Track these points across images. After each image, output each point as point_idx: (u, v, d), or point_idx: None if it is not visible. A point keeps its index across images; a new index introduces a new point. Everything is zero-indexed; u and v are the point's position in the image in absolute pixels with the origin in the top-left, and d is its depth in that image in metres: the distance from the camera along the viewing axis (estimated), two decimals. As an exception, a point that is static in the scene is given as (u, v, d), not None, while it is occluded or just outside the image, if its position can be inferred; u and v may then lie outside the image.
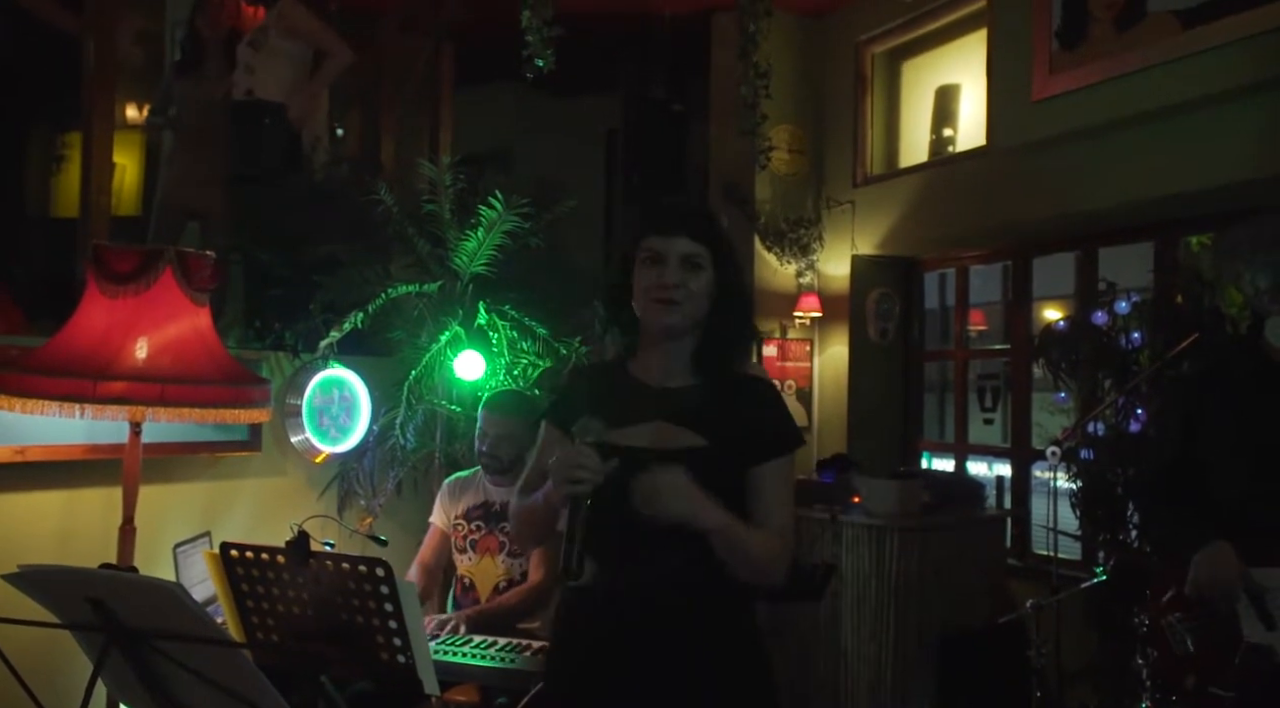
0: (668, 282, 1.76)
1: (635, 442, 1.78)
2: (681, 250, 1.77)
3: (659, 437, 1.79)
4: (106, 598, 1.45)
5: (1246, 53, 3.56)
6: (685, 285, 1.77)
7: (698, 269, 1.78)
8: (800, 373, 5.57)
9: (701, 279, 1.78)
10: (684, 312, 1.78)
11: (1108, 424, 3.86)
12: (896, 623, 3.99)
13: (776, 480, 1.80)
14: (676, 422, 1.79)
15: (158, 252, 2.87)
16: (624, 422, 1.79)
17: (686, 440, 1.77)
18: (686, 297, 1.77)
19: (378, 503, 3.89)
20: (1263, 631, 2.16)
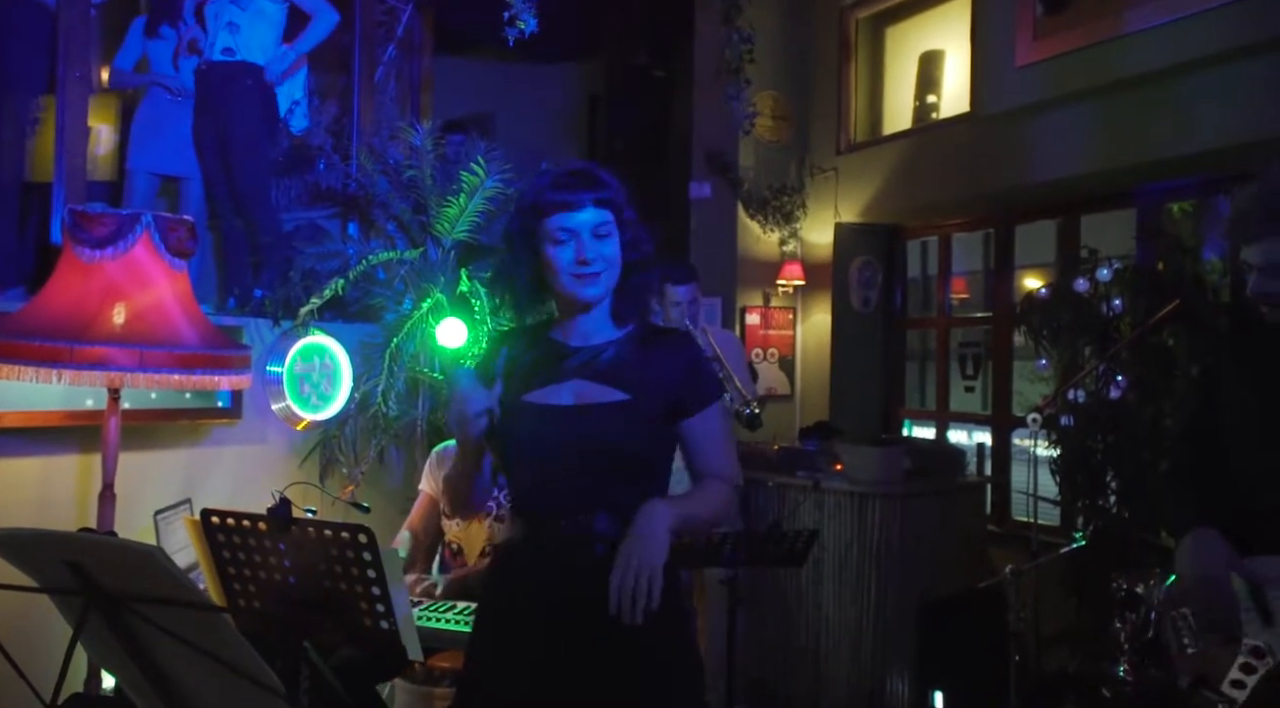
0: (585, 257, 1.77)
1: (558, 401, 1.81)
2: (589, 224, 1.78)
3: (579, 394, 1.81)
4: (85, 561, 1.44)
5: (1229, 18, 3.55)
6: (601, 256, 1.79)
7: (606, 236, 1.80)
8: (783, 341, 5.57)
9: (611, 244, 1.81)
10: (604, 282, 1.80)
11: (1088, 391, 3.88)
12: (877, 589, 4.02)
13: (708, 430, 1.85)
14: (596, 379, 1.82)
15: (134, 216, 2.84)
16: (545, 382, 1.83)
17: (607, 397, 1.80)
18: (605, 266, 1.79)
19: (360, 471, 3.88)
20: (1260, 627, 1.95)
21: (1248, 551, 2.00)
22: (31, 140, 3.73)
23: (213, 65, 4.13)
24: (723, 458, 1.87)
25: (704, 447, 1.85)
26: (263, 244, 4.14)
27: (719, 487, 1.85)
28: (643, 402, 1.80)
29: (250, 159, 4.15)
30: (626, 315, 1.87)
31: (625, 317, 1.87)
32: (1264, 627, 1.96)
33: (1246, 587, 1.98)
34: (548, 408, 1.81)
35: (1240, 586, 1.99)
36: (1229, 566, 1.99)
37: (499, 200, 4.05)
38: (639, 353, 1.84)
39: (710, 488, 1.85)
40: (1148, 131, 3.90)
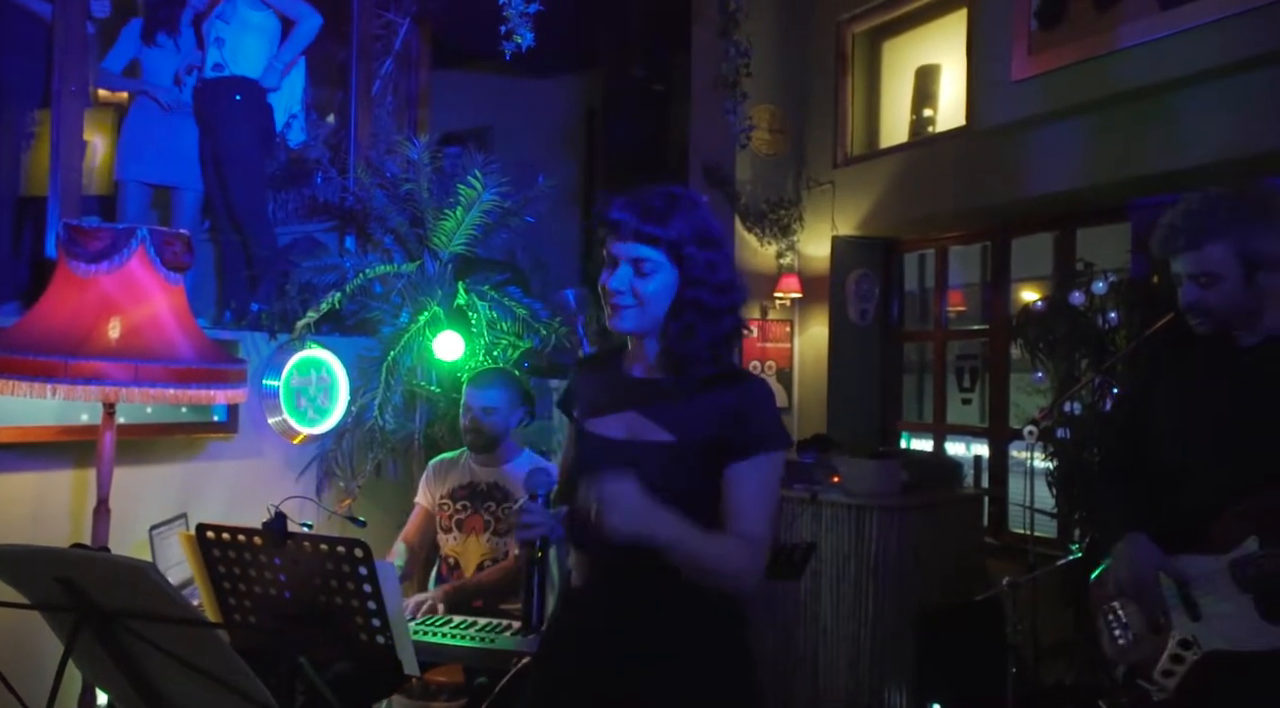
0: (608, 285, 1.73)
1: (610, 432, 1.79)
2: (631, 255, 1.71)
3: (631, 428, 1.78)
4: (77, 577, 1.43)
5: (1224, 33, 3.56)
6: (633, 290, 1.71)
7: (649, 274, 1.71)
8: (780, 354, 5.57)
9: (654, 281, 1.71)
10: (632, 317, 1.73)
11: (1084, 404, 3.88)
12: (875, 601, 4.01)
13: (748, 482, 1.70)
14: (648, 415, 1.76)
15: (130, 230, 2.83)
16: (606, 411, 1.81)
17: (654, 435, 1.75)
18: (634, 302, 1.71)
19: (356, 485, 3.87)
20: (1187, 621, 2.09)
21: (1176, 549, 2.13)
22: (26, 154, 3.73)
23: (206, 83, 4.15)
24: (753, 518, 1.70)
25: (733, 499, 1.70)
26: (259, 258, 4.13)
27: (737, 546, 1.68)
28: (684, 444, 1.72)
29: (243, 173, 4.15)
30: (676, 358, 1.75)
31: (675, 359, 1.75)
32: (1190, 621, 2.10)
33: (1174, 584, 2.12)
34: (602, 439, 1.79)
35: (1168, 583, 2.13)
36: (1158, 566, 2.13)
37: (496, 213, 4.06)
38: (697, 393, 1.74)
39: (725, 538, 1.68)
40: (1142, 146, 3.91)
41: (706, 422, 1.72)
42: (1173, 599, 2.12)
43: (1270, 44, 3.44)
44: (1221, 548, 2.07)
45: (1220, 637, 2.05)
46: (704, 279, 1.72)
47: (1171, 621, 2.12)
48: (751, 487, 1.71)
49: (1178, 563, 2.11)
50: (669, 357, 1.75)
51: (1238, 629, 2.03)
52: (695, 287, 1.72)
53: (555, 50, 4.16)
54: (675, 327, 1.73)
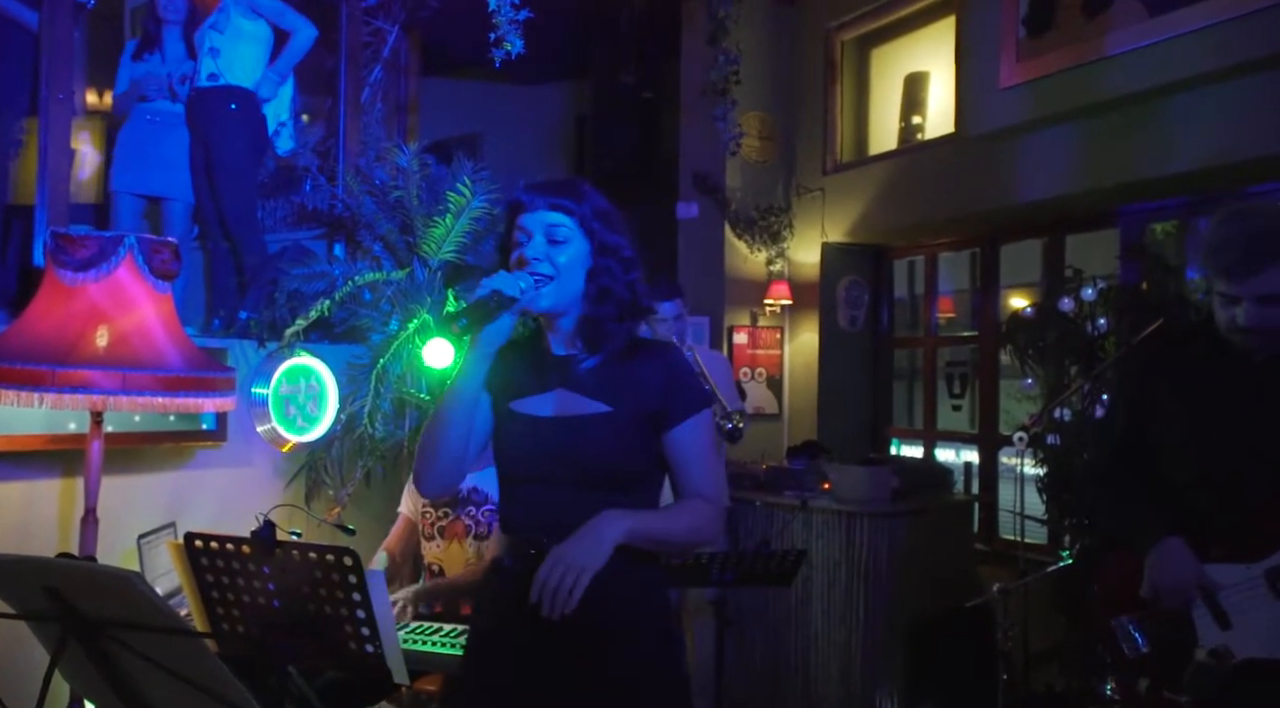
0: (525, 255, 1.76)
1: (537, 411, 1.81)
2: (543, 223, 1.77)
3: (560, 405, 1.80)
4: (63, 587, 1.42)
5: (1212, 40, 3.58)
6: (549, 259, 1.75)
7: (563, 242, 1.76)
8: (771, 360, 5.58)
9: (567, 251, 1.76)
10: (550, 293, 1.75)
11: (1074, 410, 3.89)
12: (866, 608, 4.01)
13: (691, 443, 1.79)
14: (577, 389, 1.80)
15: (117, 238, 2.82)
16: (531, 391, 1.83)
17: (587, 408, 1.78)
18: (551, 271, 1.75)
19: (346, 493, 3.85)
20: (1217, 631, 2.09)
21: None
22: (14, 162, 3.72)
23: (200, 92, 4.15)
24: (706, 476, 1.80)
25: (686, 462, 1.79)
26: (248, 266, 4.12)
27: (698, 506, 1.78)
28: (623, 413, 1.77)
29: (235, 181, 4.14)
30: (591, 344, 1.80)
31: (590, 345, 1.80)
32: (1221, 630, 2.09)
33: (1202, 593, 2.12)
34: (530, 418, 1.81)
35: (1195, 592, 2.13)
36: (1198, 573, 2.12)
37: (486, 220, 4.05)
38: (621, 363, 1.81)
39: (688, 506, 1.79)
40: (1131, 153, 3.93)
41: (640, 391, 1.78)
42: (1199, 609, 2.12)
43: (1259, 50, 3.46)
44: (1253, 557, 2.07)
45: (1256, 645, 2.05)
46: (614, 250, 1.80)
47: (1198, 630, 2.11)
48: (698, 447, 1.80)
49: (1208, 571, 2.11)
50: (586, 325, 1.80)
51: (1274, 637, 2.04)
52: (606, 255, 1.79)
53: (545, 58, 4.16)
54: (591, 289, 1.78)
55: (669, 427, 1.78)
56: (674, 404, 1.78)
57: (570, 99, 6.91)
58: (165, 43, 4.19)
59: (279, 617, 2.08)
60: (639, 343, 1.85)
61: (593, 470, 1.75)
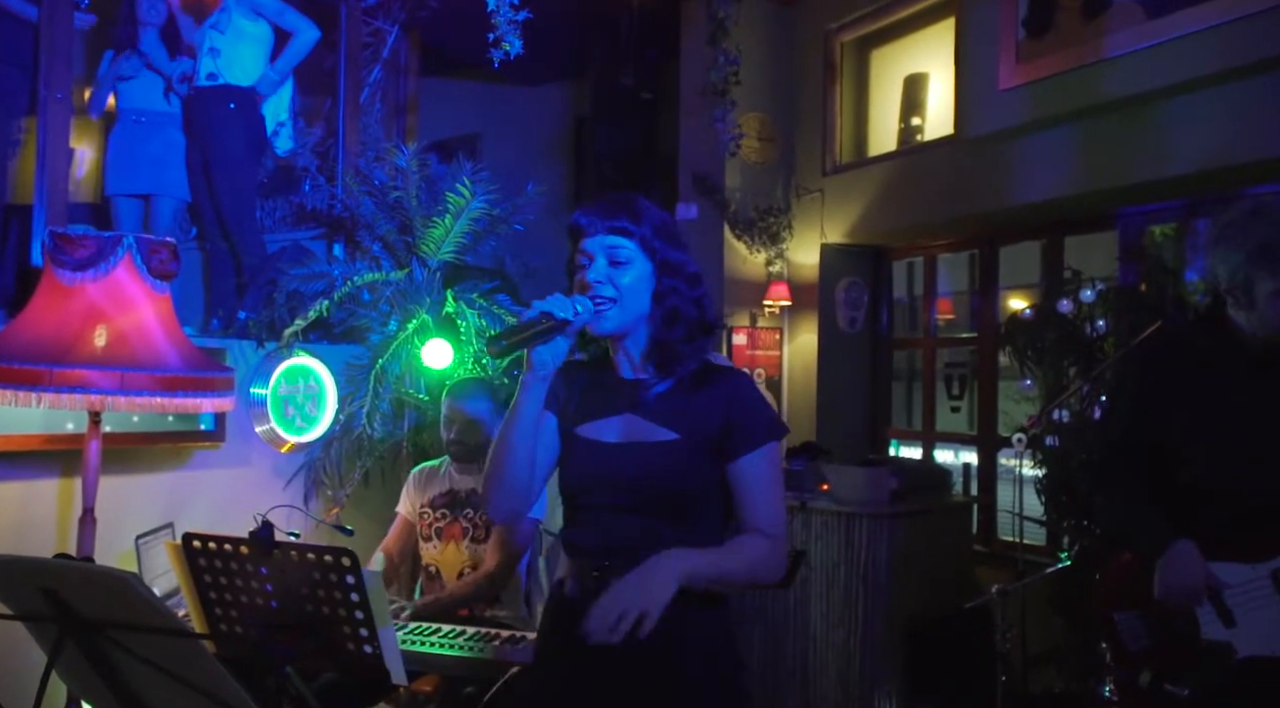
0: (586, 279, 1.73)
1: (603, 436, 1.79)
2: (604, 246, 1.74)
3: (628, 430, 1.78)
4: (60, 588, 1.42)
5: (1212, 41, 3.58)
6: (611, 282, 1.72)
7: (624, 264, 1.74)
8: (770, 361, 5.57)
9: (630, 273, 1.74)
10: (614, 316, 1.73)
11: (1073, 411, 3.89)
12: (865, 609, 4.01)
13: (755, 475, 1.75)
14: (645, 416, 1.77)
15: (116, 238, 2.82)
16: (596, 415, 1.80)
17: (655, 435, 1.75)
18: (614, 294, 1.72)
19: (344, 493, 3.86)
20: (1221, 628, 2.12)
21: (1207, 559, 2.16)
22: (12, 162, 3.72)
23: (199, 91, 4.16)
24: (768, 509, 1.75)
25: (750, 493, 1.74)
26: (247, 266, 4.13)
27: (759, 543, 1.72)
28: (690, 441, 1.74)
29: (233, 181, 4.15)
30: (662, 366, 1.78)
31: (661, 367, 1.78)
32: (1225, 627, 2.12)
33: (1209, 592, 2.14)
34: (595, 443, 1.78)
35: None
36: (1207, 575, 2.13)
37: (485, 221, 4.05)
38: (691, 389, 1.77)
39: (748, 544, 1.73)
40: (1129, 155, 3.93)
41: (708, 418, 1.74)
42: (1205, 608, 2.15)
43: (1258, 52, 3.46)
44: (1259, 557, 2.10)
45: (1259, 642, 2.09)
46: (678, 269, 1.78)
47: (1202, 627, 2.14)
48: (763, 478, 1.75)
49: (1214, 569, 2.14)
50: (656, 348, 1.77)
51: (1278, 635, 2.08)
52: (671, 276, 1.77)
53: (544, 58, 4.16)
54: (660, 313, 1.76)
55: (735, 457, 1.74)
56: (741, 434, 1.74)
57: (569, 100, 6.91)
58: (142, 44, 4.19)
59: (277, 617, 2.08)
60: (710, 369, 1.81)
61: (657, 498, 1.72)
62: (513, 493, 1.80)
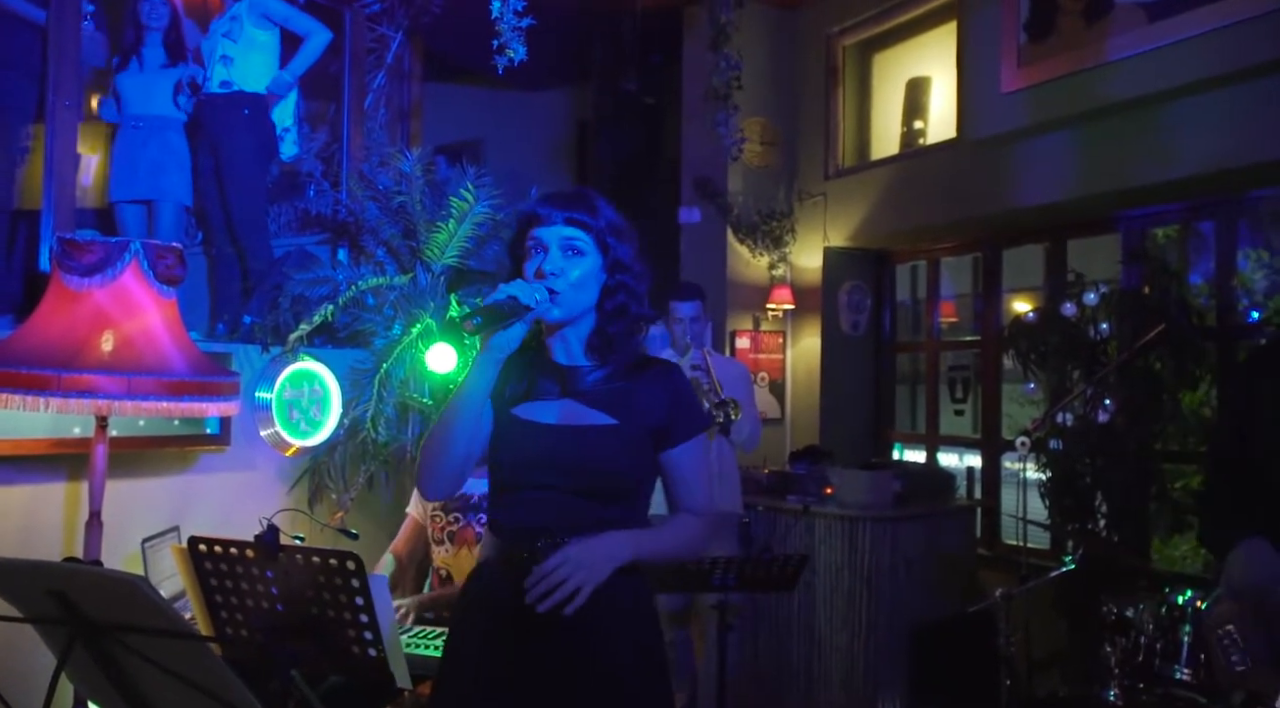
0: (543, 269, 1.77)
1: (540, 417, 1.82)
2: (560, 237, 1.78)
3: (565, 413, 1.82)
4: (69, 591, 1.43)
5: (1213, 45, 3.60)
6: (563, 274, 1.77)
7: (578, 255, 1.79)
8: (773, 365, 5.58)
9: (582, 265, 1.79)
10: (563, 303, 1.77)
11: (1076, 415, 3.90)
12: (868, 612, 4.01)
13: (691, 462, 1.86)
14: (584, 401, 1.82)
15: (123, 244, 2.83)
16: (534, 397, 1.83)
17: (593, 419, 1.80)
18: (565, 286, 1.76)
19: (349, 497, 3.86)
20: None
21: None
22: (21, 168, 3.73)
23: (210, 98, 4.17)
24: (700, 493, 1.88)
25: (684, 480, 1.86)
26: (253, 270, 4.14)
27: (691, 523, 1.86)
28: (628, 427, 1.80)
29: (246, 187, 4.16)
30: (601, 355, 1.84)
31: (600, 356, 1.84)
32: None
33: None
34: (533, 424, 1.81)
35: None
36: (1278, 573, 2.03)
37: (488, 226, 4.06)
38: (628, 378, 1.83)
39: (683, 523, 1.86)
40: (1132, 158, 3.94)
41: (646, 408, 1.82)
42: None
43: (1259, 56, 3.47)
44: None
45: None
46: (628, 266, 1.83)
47: None
48: (695, 466, 1.87)
49: None
50: (598, 338, 1.83)
51: None
52: (621, 271, 1.83)
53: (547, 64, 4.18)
54: (609, 305, 1.82)
55: (671, 445, 1.84)
56: (678, 424, 1.84)
57: (572, 105, 6.92)
58: (145, 49, 4.20)
59: (282, 620, 2.09)
60: (645, 361, 1.89)
61: (595, 480, 1.77)
62: (452, 472, 1.84)
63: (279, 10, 4.25)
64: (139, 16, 4.19)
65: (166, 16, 4.23)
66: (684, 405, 1.86)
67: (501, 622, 1.76)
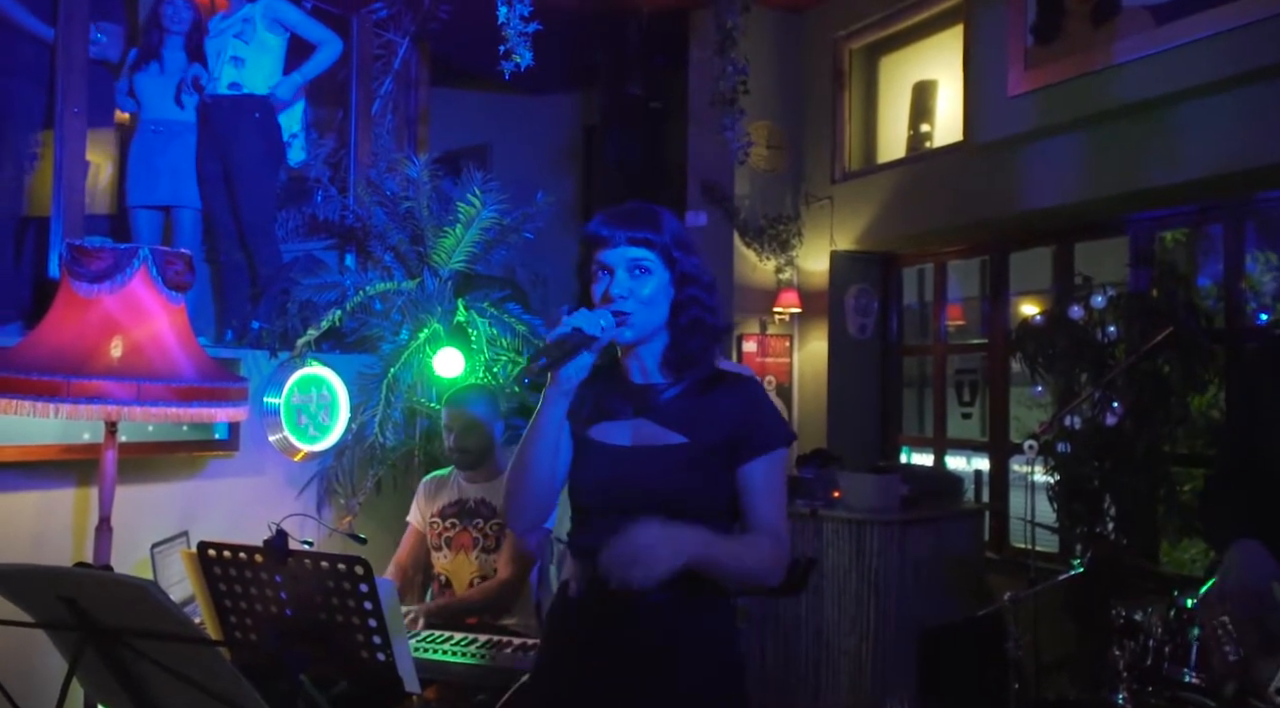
0: (610, 292, 1.74)
1: (615, 439, 1.80)
2: (626, 258, 1.74)
3: (638, 434, 1.79)
4: (80, 596, 1.44)
5: (1221, 47, 3.59)
6: (632, 294, 1.74)
7: (645, 275, 1.75)
8: (780, 369, 5.58)
9: (650, 283, 1.75)
10: (635, 324, 1.74)
11: (1084, 418, 3.89)
12: (876, 616, 4.01)
13: (765, 479, 1.77)
14: (655, 420, 1.79)
15: (132, 250, 2.85)
16: (607, 418, 1.81)
17: (665, 438, 1.77)
18: (636, 306, 1.73)
19: (357, 501, 3.87)
20: None
21: None
22: (30, 175, 3.75)
23: (218, 99, 4.15)
24: (775, 513, 1.77)
25: (758, 497, 1.76)
26: (261, 276, 4.14)
27: (765, 545, 1.74)
28: (700, 445, 1.76)
29: (257, 191, 4.16)
30: (678, 370, 1.80)
31: (677, 371, 1.80)
32: None
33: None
34: (606, 446, 1.80)
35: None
36: (1273, 575, 2.11)
37: (495, 230, 4.08)
38: (702, 393, 1.80)
39: (755, 543, 1.75)
40: (1139, 160, 3.93)
41: (718, 423, 1.76)
42: None
43: (1267, 58, 3.46)
44: None
45: None
46: (696, 278, 1.79)
47: None
48: (769, 483, 1.77)
49: None
50: (674, 354, 1.79)
51: None
52: (690, 285, 1.79)
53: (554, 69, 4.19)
54: (683, 320, 1.78)
55: (745, 460, 1.76)
56: (752, 438, 1.77)
57: (578, 109, 6.93)
58: (165, 52, 4.20)
59: (291, 625, 2.09)
60: (721, 374, 1.84)
61: (668, 501, 1.72)
62: (536, 504, 1.82)
63: (293, 16, 4.25)
64: (160, 19, 4.18)
65: (189, 20, 4.22)
66: (761, 418, 1.79)
67: (585, 645, 1.76)
